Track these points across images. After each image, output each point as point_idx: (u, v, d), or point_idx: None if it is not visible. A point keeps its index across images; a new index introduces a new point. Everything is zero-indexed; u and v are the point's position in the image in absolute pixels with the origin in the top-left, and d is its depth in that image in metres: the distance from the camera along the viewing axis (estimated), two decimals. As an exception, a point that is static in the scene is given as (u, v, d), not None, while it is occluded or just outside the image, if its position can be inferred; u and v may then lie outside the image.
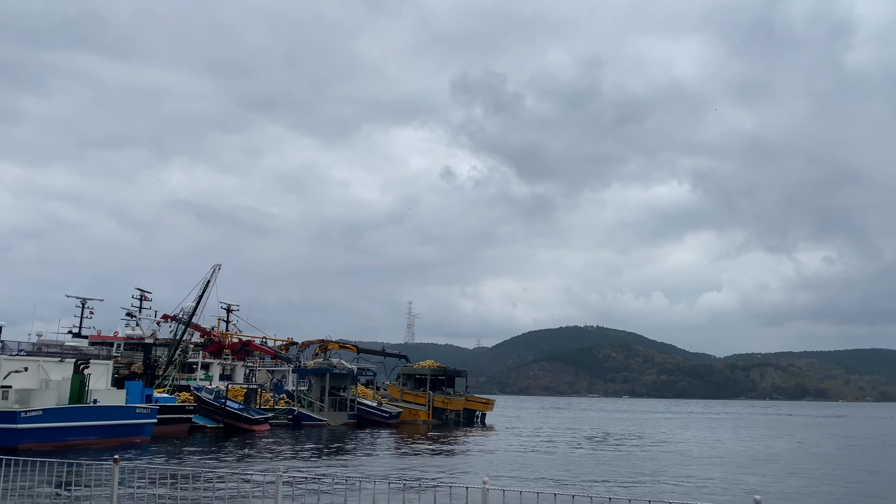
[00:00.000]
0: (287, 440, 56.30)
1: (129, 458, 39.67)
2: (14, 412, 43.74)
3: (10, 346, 56.67)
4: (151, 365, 71.75)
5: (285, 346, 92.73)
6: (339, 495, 9.52)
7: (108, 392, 51.46)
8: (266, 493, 7.63)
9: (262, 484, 8.66)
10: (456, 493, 7.82)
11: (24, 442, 42.84)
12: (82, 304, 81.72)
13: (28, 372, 47.78)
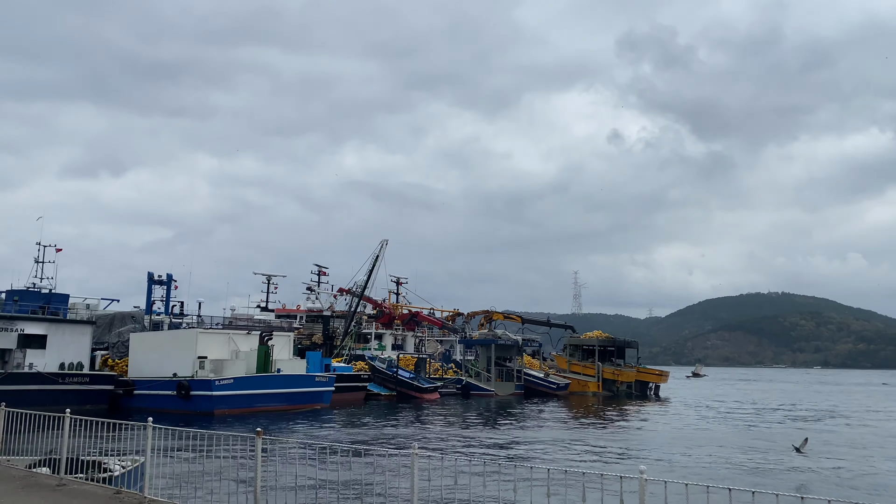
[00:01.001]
0: (456, 409, 57.14)
1: (304, 425, 41.94)
2: (210, 380, 47.85)
3: (205, 320, 62.31)
4: (330, 336, 75.84)
5: (452, 316, 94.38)
6: (476, 477, 8.59)
7: (291, 362, 54.90)
8: (401, 474, 7.41)
9: (397, 460, 8.10)
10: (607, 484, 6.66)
11: (219, 407, 46.78)
12: (268, 281, 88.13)
13: (220, 343, 52.03)
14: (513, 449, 31.96)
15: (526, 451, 31.33)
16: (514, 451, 31.39)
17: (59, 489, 11.37)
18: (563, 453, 30.14)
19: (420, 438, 36.41)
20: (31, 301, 51.28)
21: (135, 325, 60.54)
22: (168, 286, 67.13)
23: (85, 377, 49.39)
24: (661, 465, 25.51)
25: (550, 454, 29.72)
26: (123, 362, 54.44)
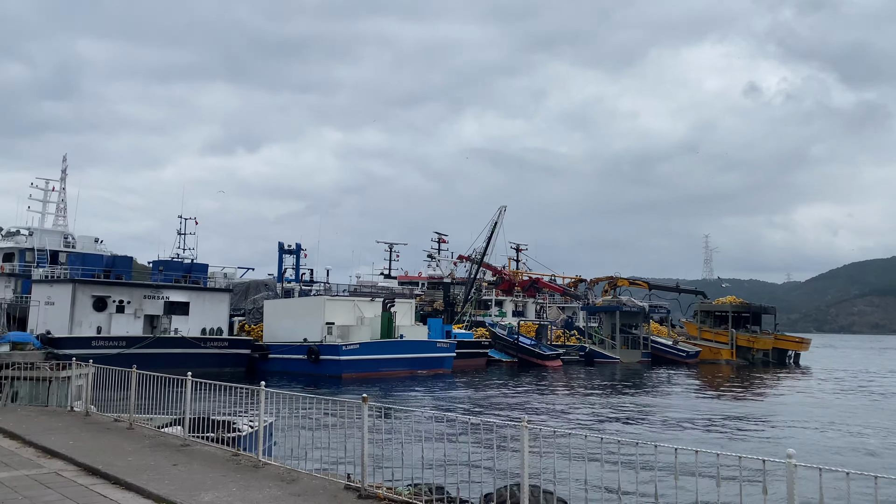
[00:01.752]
0: (579, 376, 56.06)
1: (425, 390, 42.42)
2: (337, 345, 49.51)
3: (332, 287, 64.44)
4: (450, 302, 76.49)
5: (574, 283, 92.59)
6: (594, 454, 7.83)
7: (413, 328, 55.79)
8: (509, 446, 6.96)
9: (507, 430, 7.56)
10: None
11: (347, 371, 48.36)
12: (390, 249, 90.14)
13: (346, 310, 53.63)
14: (638, 422, 30.71)
15: (651, 423, 30.01)
16: (639, 424, 30.15)
17: (182, 449, 11.74)
18: (692, 428, 28.58)
19: (540, 406, 35.85)
20: (174, 271, 54.94)
21: (268, 293, 63.64)
22: (297, 255, 70.00)
23: (224, 341, 52.53)
24: (808, 446, 23.54)
25: (678, 429, 28.27)
26: (259, 328, 57.40)
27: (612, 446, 7.15)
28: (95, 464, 10.33)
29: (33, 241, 61.02)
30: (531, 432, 7.38)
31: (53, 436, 12.67)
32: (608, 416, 32.11)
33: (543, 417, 31.47)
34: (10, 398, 18.74)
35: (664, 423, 29.51)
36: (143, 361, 46.57)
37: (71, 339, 45.32)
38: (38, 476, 9.93)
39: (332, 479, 9.48)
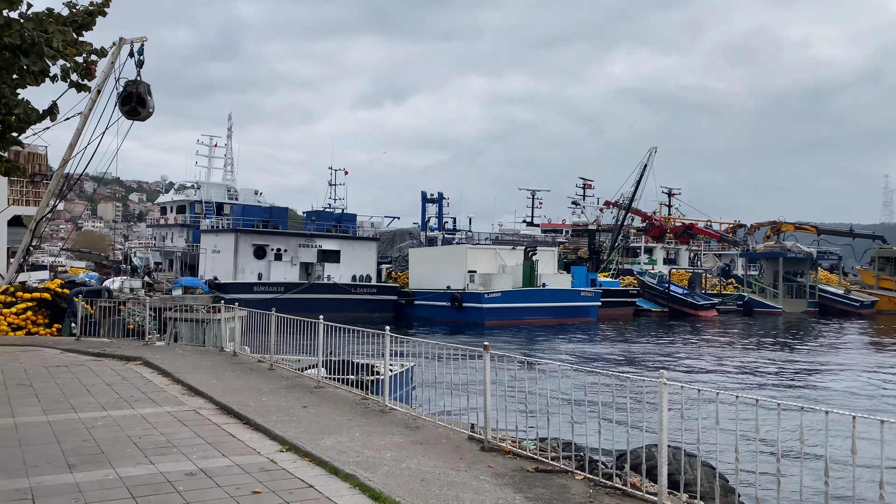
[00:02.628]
0: (736, 327, 52.66)
1: (568, 339, 41.46)
2: (480, 293, 49.64)
3: (474, 236, 64.50)
4: (596, 250, 74.30)
5: (732, 229, 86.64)
6: (729, 409, 6.78)
7: (556, 276, 54.76)
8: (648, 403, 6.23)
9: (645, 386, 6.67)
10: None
11: (489, 319, 48.46)
12: (532, 196, 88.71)
13: (488, 258, 53.49)
14: (804, 382, 28.17)
15: (820, 384, 27.37)
16: (806, 384, 27.62)
17: (315, 391, 11.82)
18: (871, 390, 25.75)
19: (690, 360, 33.90)
20: (326, 220, 57.25)
21: (412, 241, 64.93)
22: (440, 204, 70.60)
23: (373, 288, 54.37)
24: None
25: (855, 391, 25.55)
26: (404, 275, 58.80)
27: (770, 413, 6.04)
28: (231, 403, 10.58)
29: (201, 194, 65.89)
30: (672, 390, 6.44)
31: (200, 374, 13.26)
32: (768, 372, 29.71)
33: (692, 372, 29.68)
34: (173, 338, 20.15)
35: (836, 382, 26.80)
36: (298, 306, 49.06)
37: (235, 285, 48.64)
38: (177, 413, 10.31)
39: (456, 429, 9.04)
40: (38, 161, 29.05)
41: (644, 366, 30.62)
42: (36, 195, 28.05)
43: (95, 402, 11.01)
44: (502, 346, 35.60)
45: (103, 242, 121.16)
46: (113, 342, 19.16)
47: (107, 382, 12.80)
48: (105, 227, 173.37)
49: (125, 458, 7.84)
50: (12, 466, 7.38)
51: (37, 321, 22.71)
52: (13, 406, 10.51)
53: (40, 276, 29.24)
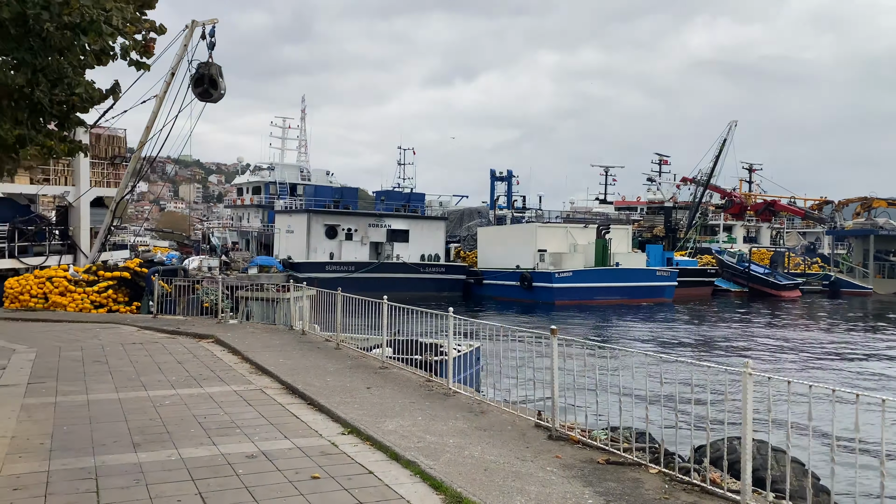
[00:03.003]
0: (822, 309, 50.14)
1: (642, 320, 40.31)
2: (550, 273, 48.88)
3: (544, 214, 63.54)
4: (672, 228, 72.07)
5: (817, 205, 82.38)
6: (821, 402, 6.15)
7: (629, 255, 53.34)
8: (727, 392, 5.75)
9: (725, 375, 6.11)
10: None
11: (560, 299, 47.70)
12: (605, 173, 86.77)
13: (559, 236, 52.57)
14: None
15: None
16: None
17: (379, 371, 11.66)
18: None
19: (773, 343, 32.39)
20: (394, 200, 57.51)
21: (481, 220, 64.51)
22: (509, 182, 69.83)
23: (441, 267, 54.38)
24: None
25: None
26: (473, 254, 58.53)
27: (872, 407, 5.42)
28: (296, 383, 10.52)
29: (275, 176, 67.18)
30: (758, 379, 5.88)
31: (268, 353, 13.32)
32: (859, 358, 28.06)
33: (776, 357, 28.32)
34: (245, 316, 20.49)
35: None
36: (368, 285, 49.49)
37: (307, 264, 49.53)
38: (243, 392, 10.32)
39: (522, 416, 8.67)
40: (117, 144, 30.06)
41: (724, 350, 29.43)
42: (116, 177, 29.04)
43: (165, 379, 11.17)
44: (572, 327, 34.94)
45: (185, 223, 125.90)
46: (187, 320, 19.62)
47: (178, 360, 13.01)
48: (186, 208, 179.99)
49: (188, 438, 7.83)
50: (80, 444, 7.47)
51: (117, 299, 23.53)
52: (88, 383, 10.77)
53: (122, 255, 30.35)
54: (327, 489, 6.27)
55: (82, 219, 27.81)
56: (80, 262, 26.63)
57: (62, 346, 14.33)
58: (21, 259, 24.74)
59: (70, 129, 8.08)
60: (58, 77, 7.32)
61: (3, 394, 9.78)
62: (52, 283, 23.15)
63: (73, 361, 12.63)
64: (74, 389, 10.23)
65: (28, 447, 7.33)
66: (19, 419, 8.44)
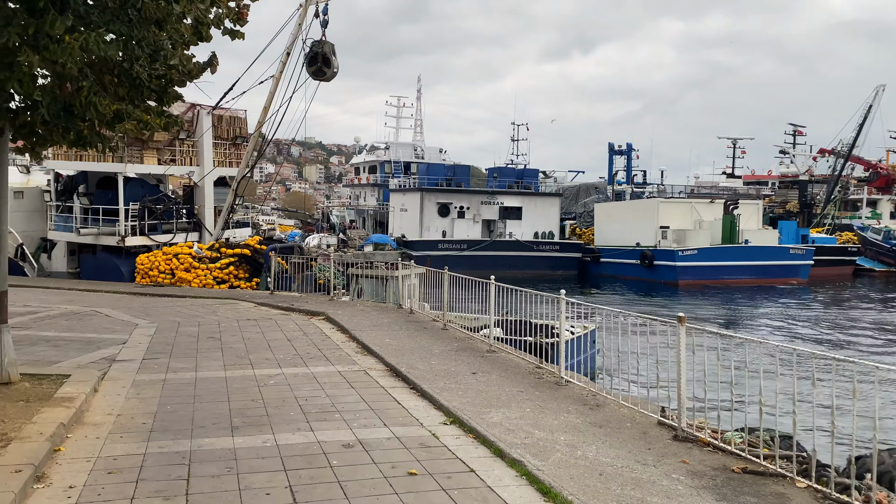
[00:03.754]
0: None
1: (774, 303, 37.46)
2: (673, 251, 46.48)
3: (666, 189, 60.59)
4: (807, 203, 66.85)
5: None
6: None
7: (760, 232, 49.85)
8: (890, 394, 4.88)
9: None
10: None
11: (683, 278, 45.31)
12: (733, 145, 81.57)
13: (682, 212, 49.87)
14: None
15: None
16: None
17: (486, 356, 11.07)
18: None
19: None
20: (507, 177, 56.61)
21: (598, 196, 62.40)
22: (628, 156, 67.08)
23: (556, 245, 53.08)
24: None
25: None
26: (589, 231, 56.74)
27: None
28: (400, 365, 10.12)
29: (390, 154, 67.96)
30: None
31: (375, 332, 13.06)
32: None
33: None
34: (357, 293, 20.53)
35: None
36: (480, 263, 49.27)
37: (421, 242, 49.77)
38: (347, 373, 10.03)
39: (643, 411, 7.80)
40: (238, 125, 31.01)
41: (871, 339, 26.70)
42: (237, 157, 30.00)
43: (273, 357, 11.10)
44: (698, 309, 32.98)
45: (308, 202, 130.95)
46: (302, 297, 19.88)
47: (288, 338, 13.00)
48: (310, 188, 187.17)
49: (287, 422, 7.56)
50: (180, 426, 7.36)
51: (238, 275, 24.30)
52: (199, 360, 10.86)
53: (244, 232, 31.44)
54: (424, 488, 5.74)
55: (206, 198, 28.94)
56: (204, 239, 27.78)
57: (181, 322, 14.75)
58: (151, 236, 26.06)
59: (167, 104, 7.95)
60: (154, 50, 7.14)
61: (119, 370, 9.99)
62: (178, 260, 24.23)
63: (188, 337, 12.90)
64: (185, 366, 10.33)
65: (131, 426, 7.30)
66: (128, 396, 8.52)
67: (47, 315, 15.11)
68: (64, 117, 6.90)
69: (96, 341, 12.13)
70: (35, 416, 7.04)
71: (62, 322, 14.25)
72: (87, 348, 11.42)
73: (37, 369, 9.30)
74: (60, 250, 27.84)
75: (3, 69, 6.07)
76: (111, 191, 26.34)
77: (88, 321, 14.54)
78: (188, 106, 28.73)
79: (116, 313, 15.78)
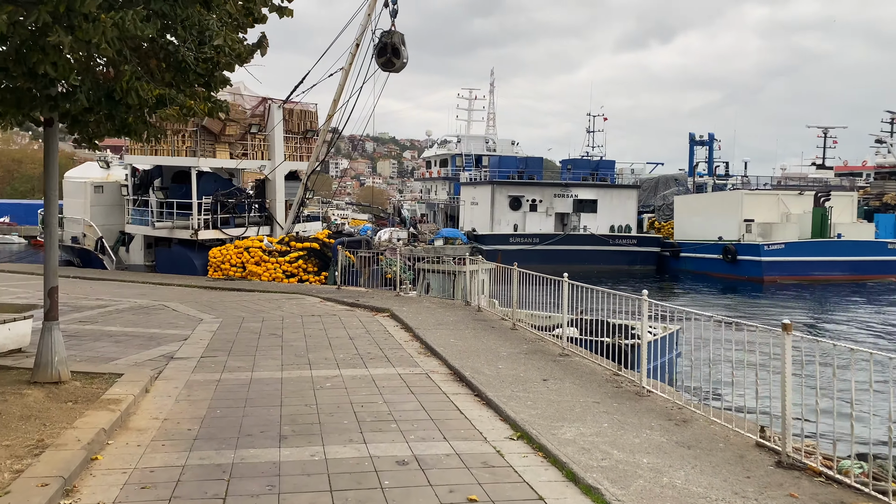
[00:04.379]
0: None
1: (871, 303, 34.82)
2: (758, 245, 44.07)
3: (751, 181, 57.71)
4: (908, 195, 62.30)
5: None
6: None
7: (854, 226, 46.66)
8: None
9: None
10: None
11: (769, 274, 42.88)
12: (824, 135, 77.16)
13: (768, 205, 47.24)
14: None
15: None
16: None
17: (558, 360, 10.23)
18: None
19: None
20: (581, 169, 55.01)
21: (678, 188, 59.97)
22: (710, 147, 64.29)
23: (633, 239, 51.25)
24: None
25: None
26: (669, 225, 54.55)
27: None
28: (464, 369, 9.42)
29: (461, 148, 67.32)
30: None
31: (440, 332, 12.41)
32: None
33: None
34: (425, 289, 19.96)
35: None
36: (553, 258, 48.00)
37: (492, 236, 48.94)
38: (408, 376, 9.40)
39: (738, 430, 6.83)
40: (308, 118, 30.96)
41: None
42: (308, 151, 29.95)
43: (332, 357, 10.60)
44: (787, 309, 30.97)
45: (382, 197, 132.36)
46: (368, 291, 19.48)
47: (350, 336, 12.51)
48: (383, 183, 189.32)
49: (339, 431, 6.97)
50: (227, 434, 6.87)
51: (307, 269, 24.15)
52: (257, 358, 10.46)
53: (315, 226, 31.42)
54: (484, 519, 5.02)
55: (277, 191, 29.00)
56: (276, 233, 27.83)
57: (245, 318, 14.50)
58: (223, 230, 26.25)
59: (215, 89, 7.47)
60: (201, 31, 6.66)
61: (175, 368, 9.68)
62: (248, 254, 24.28)
63: (250, 334, 12.59)
64: (242, 366, 9.93)
65: (175, 433, 6.86)
66: (178, 398, 8.12)
67: (116, 309, 15.15)
68: (105, 103, 6.50)
69: (158, 337, 11.94)
70: (78, 419, 6.70)
71: (128, 316, 14.22)
72: (147, 344, 11.23)
73: (92, 367, 9.06)
74: (137, 243, 28.43)
75: (35, 51, 5.68)
76: (185, 185, 26.68)
77: (155, 316, 14.47)
78: (259, 99, 28.84)
79: (183, 308, 15.70)
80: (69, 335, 11.81)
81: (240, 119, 27.47)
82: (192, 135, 26.06)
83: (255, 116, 28.61)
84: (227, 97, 29.01)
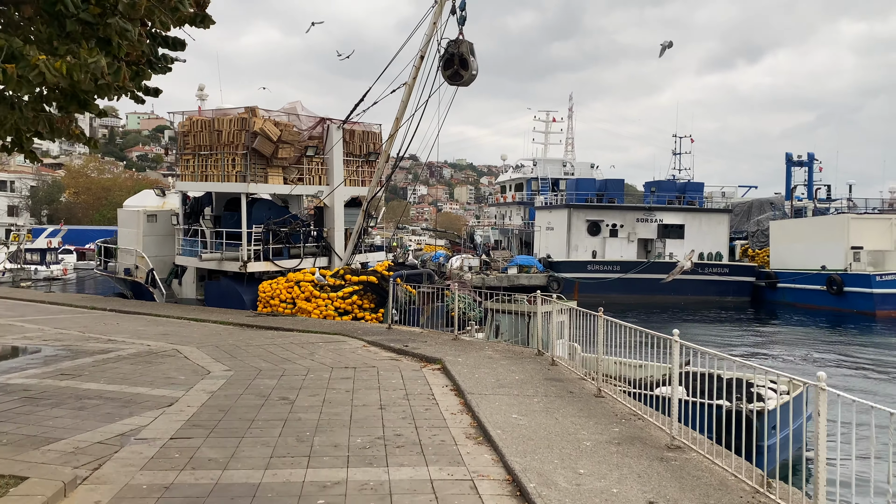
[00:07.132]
0: None
1: None
2: (868, 275, 39.17)
3: (858, 203, 52.22)
4: None
5: None
6: None
7: None
8: None
9: None
10: None
11: (882, 308, 37.93)
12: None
13: (879, 231, 42.05)
14: None
15: None
16: None
17: (667, 458, 7.12)
18: None
19: None
20: (667, 191, 50.99)
21: (774, 213, 54.92)
22: (810, 168, 58.96)
23: (724, 267, 46.81)
24: None
25: None
26: (764, 252, 49.72)
27: None
28: (527, 475, 6.48)
29: (537, 171, 64.27)
30: None
31: (500, 399, 9.49)
32: None
33: None
34: (494, 332, 17.00)
35: None
36: (636, 287, 43.91)
37: (568, 263, 45.59)
38: (443, 486, 6.50)
39: None
40: (371, 140, 28.73)
41: None
42: (371, 175, 27.67)
43: (344, 444, 7.80)
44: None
45: (458, 223, 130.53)
46: (422, 333, 16.72)
47: (381, 403, 9.73)
48: (460, 209, 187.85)
49: None
50: None
51: (363, 305, 21.67)
52: (242, 445, 7.73)
53: (377, 256, 29.00)
54: None
55: (336, 219, 26.78)
56: (333, 264, 25.57)
57: (262, 370, 11.96)
58: (275, 262, 24.13)
59: (118, 51, 4.90)
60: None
61: (123, 459, 7.10)
62: (299, 288, 22.02)
63: (256, 397, 9.98)
64: (215, 457, 7.25)
65: None
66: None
67: (117, 356, 12.91)
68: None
69: (138, 401, 9.49)
70: None
71: (124, 367, 11.90)
72: (117, 414, 8.78)
73: (5, 455, 6.59)
74: (190, 276, 26.72)
75: None
76: (237, 213, 24.76)
77: (156, 366, 12.11)
78: (317, 120, 26.80)
79: (197, 354, 13.33)
80: (31, 396, 9.57)
81: (294, 140, 25.41)
82: (241, 158, 24.15)
83: (313, 139, 26.50)
84: (283, 117, 27.22)
